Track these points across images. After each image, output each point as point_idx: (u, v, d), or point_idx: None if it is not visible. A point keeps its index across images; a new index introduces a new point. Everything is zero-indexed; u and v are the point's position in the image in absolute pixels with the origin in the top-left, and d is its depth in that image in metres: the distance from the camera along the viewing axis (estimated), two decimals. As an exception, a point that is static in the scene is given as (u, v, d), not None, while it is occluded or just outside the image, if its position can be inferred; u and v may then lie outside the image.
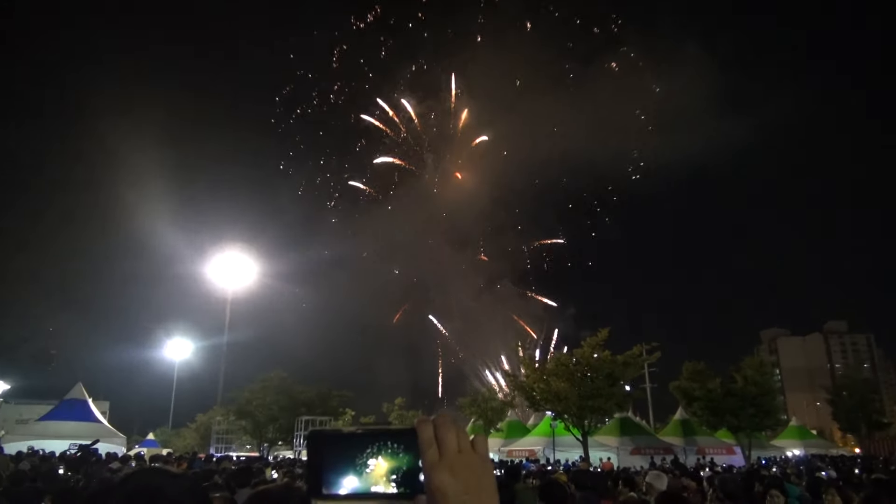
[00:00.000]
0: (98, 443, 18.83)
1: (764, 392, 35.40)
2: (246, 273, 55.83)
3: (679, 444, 36.76)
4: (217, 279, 54.64)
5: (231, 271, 54.11)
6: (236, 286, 54.57)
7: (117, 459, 18.83)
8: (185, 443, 58.69)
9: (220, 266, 54.38)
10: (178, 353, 61.54)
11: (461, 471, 0.85)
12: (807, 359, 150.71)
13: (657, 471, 11.00)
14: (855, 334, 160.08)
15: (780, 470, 21.22)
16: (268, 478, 11.70)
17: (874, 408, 48.52)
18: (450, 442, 0.86)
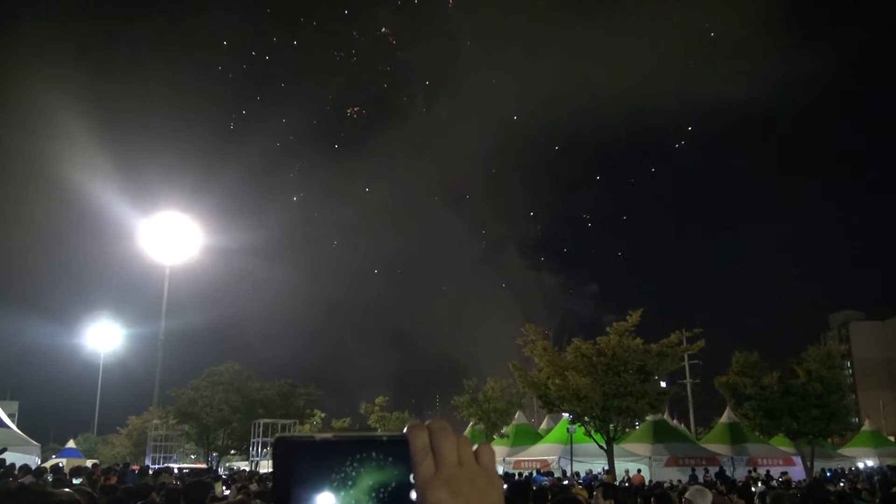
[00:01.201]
0: (5, 452, 18.94)
1: (831, 390, 35.77)
2: (187, 242, 55.56)
3: (726, 453, 37.30)
4: (152, 250, 54.43)
5: (169, 240, 53.81)
6: (175, 259, 54.40)
7: (30, 473, 18.96)
8: (115, 452, 59.17)
9: (156, 234, 54.05)
10: (105, 342, 61.73)
11: (462, 487, 0.84)
12: (886, 349, 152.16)
13: (698, 486, 11.20)
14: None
15: (849, 484, 21.59)
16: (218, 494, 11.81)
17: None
18: (448, 452, 0.86)
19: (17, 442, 30.26)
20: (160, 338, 51.92)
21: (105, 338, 61.80)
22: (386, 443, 0.91)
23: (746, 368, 36.88)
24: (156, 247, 53.89)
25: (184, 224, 54.88)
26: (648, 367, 31.04)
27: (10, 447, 24.40)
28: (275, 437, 0.94)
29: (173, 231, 53.88)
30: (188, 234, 55.17)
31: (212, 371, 41.36)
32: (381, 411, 53.16)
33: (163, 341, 51.89)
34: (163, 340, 51.93)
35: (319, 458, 0.89)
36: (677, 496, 11.44)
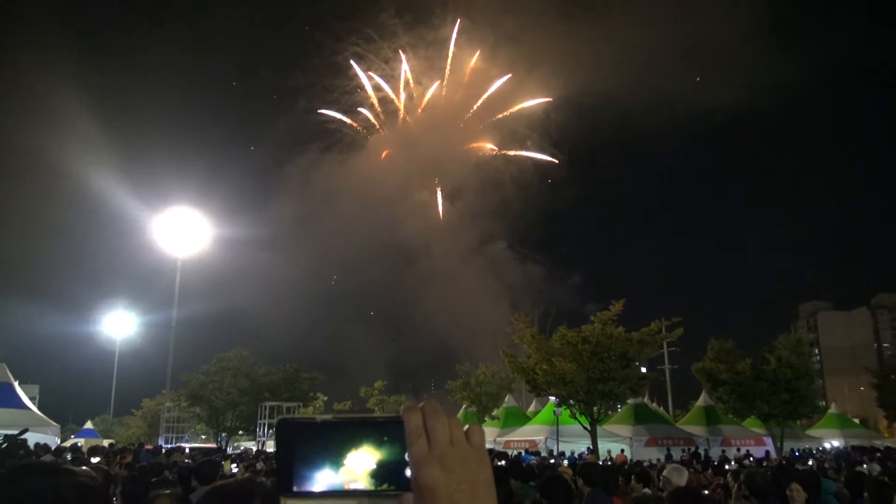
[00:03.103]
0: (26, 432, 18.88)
1: (800, 375, 35.92)
2: (198, 235, 55.59)
3: (701, 433, 37.45)
4: (164, 243, 54.43)
5: (181, 233, 53.83)
6: (186, 251, 54.40)
7: (50, 452, 18.94)
8: (130, 432, 59.17)
9: (168, 228, 54.08)
10: (120, 329, 61.64)
11: (453, 465, 0.85)
12: (851, 337, 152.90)
13: (676, 464, 11.25)
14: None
15: (817, 463, 21.71)
16: (226, 472, 11.83)
17: (926, 393, 49.48)
18: (441, 432, 0.86)
19: (37, 423, 30.20)
20: (172, 326, 51.94)
21: (120, 326, 61.73)
22: (382, 423, 0.91)
23: (721, 355, 37.00)
24: (168, 240, 53.96)
25: (194, 218, 55.08)
26: (630, 353, 31.10)
27: (31, 428, 24.27)
28: (278, 419, 0.94)
29: (184, 225, 53.99)
30: (198, 228, 55.30)
31: (221, 357, 41.34)
32: (380, 395, 53.14)
33: (175, 329, 51.90)
34: (175, 328, 51.95)
35: (320, 438, 0.90)
36: (656, 474, 11.49)
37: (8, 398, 31.73)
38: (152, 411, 56.97)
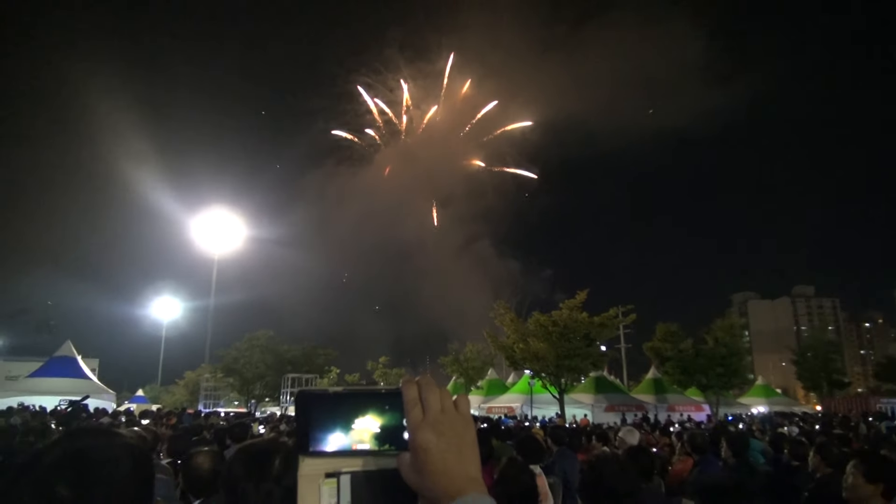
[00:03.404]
0: (88, 399, 18.80)
1: (733, 353, 36.06)
2: (233, 233, 55.66)
3: (651, 401, 37.55)
4: (204, 239, 54.38)
5: (218, 231, 53.86)
6: (223, 246, 54.39)
7: (107, 415, 18.87)
8: (175, 399, 58.85)
9: (208, 226, 54.10)
10: (167, 313, 61.44)
11: (444, 429, 0.86)
12: (775, 321, 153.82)
13: (629, 426, 11.27)
14: (821, 298, 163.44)
15: (746, 426, 21.80)
16: (255, 433, 11.80)
17: (835, 368, 49.70)
18: (433, 402, 0.88)
19: (97, 391, 30.12)
20: (210, 310, 51.89)
21: (167, 310, 61.55)
22: (385, 395, 0.92)
23: (667, 336, 37.12)
24: (207, 237, 53.96)
25: (230, 219, 55.31)
26: (592, 334, 31.13)
27: (91, 395, 24.23)
28: (297, 391, 0.95)
29: (221, 224, 54.15)
30: (233, 228, 55.47)
31: (251, 336, 41.25)
32: (384, 368, 53.10)
33: (212, 313, 51.84)
34: (212, 312, 51.88)
35: (333, 407, 0.91)
36: (613, 435, 11.51)
37: (73, 369, 31.64)
38: (193, 381, 56.73)
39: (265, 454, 2.01)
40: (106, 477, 1.36)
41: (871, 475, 3.68)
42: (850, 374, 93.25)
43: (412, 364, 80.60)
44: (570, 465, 7.52)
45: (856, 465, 3.78)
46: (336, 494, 0.88)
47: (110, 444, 1.42)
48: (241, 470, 1.98)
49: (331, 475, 0.89)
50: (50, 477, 1.30)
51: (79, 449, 1.37)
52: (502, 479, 3.56)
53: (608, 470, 3.08)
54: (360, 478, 0.89)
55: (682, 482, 6.81)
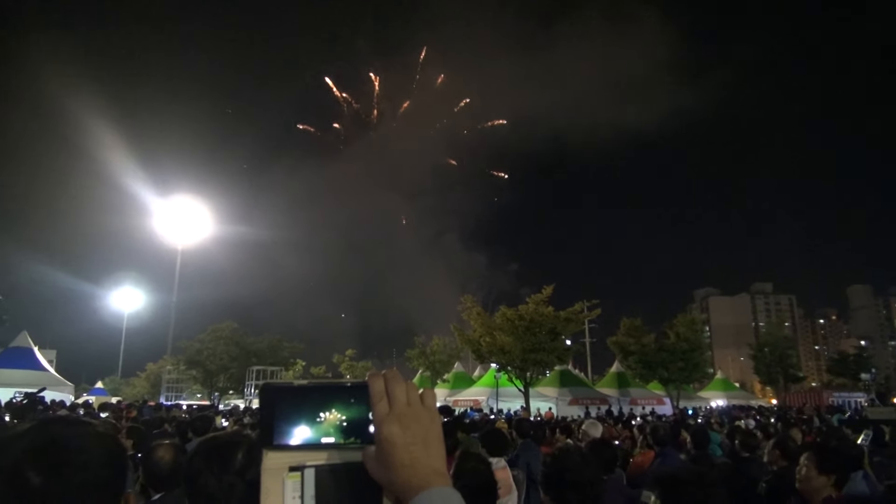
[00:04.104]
0: (44, 391, 18.32)
1: (693, 348, 36.81)
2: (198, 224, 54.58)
3: (614, 394, 38.14)
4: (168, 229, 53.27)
5: (183, 221, 52.79)
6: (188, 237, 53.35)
7: (65, 407, 18.42)
8: (136, 391, 57.74)
9: (172, 216, 52.97)
10: (128, 303, 60.11)
11: (410, 422, 0.86)
12: (734, 317, 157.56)
13: (592, 420, 11.44)
14: (779, 295, 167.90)
15: (705, 419, 22.28)
16: (218, 426, 11.64)
17: (791, 363, 51.19)
18: (399, 395, 0.88)
19: (54, 383, 29.39)
20: (173, 302, 50.88)
21: (128, 300, 60.14)
22: (351, 388, 0.92)
23: (631, 331, 37.71)
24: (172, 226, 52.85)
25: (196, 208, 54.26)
26: (557, 329, 31.43)
27: (48, 387, 23.64)
28: (261, 384, 0.94)
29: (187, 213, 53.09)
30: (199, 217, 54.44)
31: (215, 328, 40.72)
32: (350, 361, 52.91)
33: (175, 304, 50.85)
34: (175, 303, 50.87)
35: (297, 401, 0.90)
36: (577, 428, 11.67)
37: (29, 361, 30.79)
38: (155, 373, 55.79)
39: (228, 447, 1.98)
40: (79, 465, 1.33)
41: (823, 467, 3.80)
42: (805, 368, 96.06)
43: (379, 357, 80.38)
44: (533, 457, 7.59)
45: (809, 457, 3.90)
46: (300, 488, 0.87)
47: (83, 433, 1.39)
48: (203, 463, 1.95)
49: (295, 469, 0.88)
50: (21, 465, 1.27)
51: (51, 437, 1.34)
52: (458, 471, 3.57)
53: (570, 462, 3.12)
54: (324, 471, 0.88)
55: (642, 474, 6.94)
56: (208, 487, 1.90)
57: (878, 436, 10.11)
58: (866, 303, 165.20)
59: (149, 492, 3.45)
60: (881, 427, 11.03)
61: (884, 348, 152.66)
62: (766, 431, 11.27)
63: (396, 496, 0.85)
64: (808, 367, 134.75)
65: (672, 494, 2.35)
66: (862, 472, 5.44)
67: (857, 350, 62.36)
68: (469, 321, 33.85)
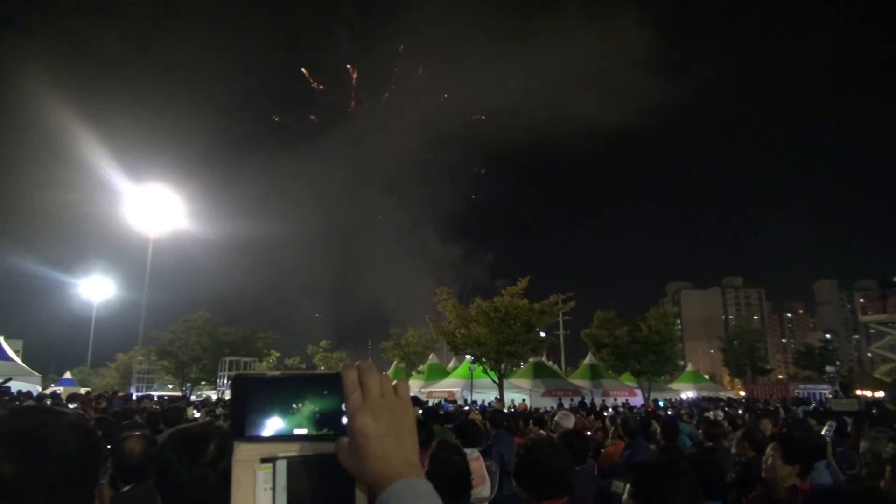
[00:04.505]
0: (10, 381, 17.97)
1: (665, 340, 37.32)
2: (171, 212, 53.82)
3: (587, 386, 38.56)
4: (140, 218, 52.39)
5: (155, 210, 51.99)
6: (160, 225, 52.55)
7: (31, 398, 18.06)
8: (105, 382, 56.78)
9: (145, 204, 52.13)
10: (98, 292, 59.00)
11: (383, 414, 0.86)
12: (705, 310, 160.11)
13: (565, 411, 11.54)
14: (748, 289, 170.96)
15: (675, 411, 22.65)
16: (189, 417, 11.52)
17: (759, 356, 52.24)
18: (373, 386, 0.88)
19: (21, 373, 28.81)
20: (145, 291, 50.14)
21: (98, 289, 59.01)
22: (324, 378, 0.91)
23: (605, 323, 38.08)
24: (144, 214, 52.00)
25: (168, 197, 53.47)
26: (532, 321, 31.62)
27: (14, 377, 23.19)
28: (233, 376, 0.92)
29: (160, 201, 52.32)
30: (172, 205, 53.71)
31: (188, 318, 40.21)
32: (324, 352, 52.69)
33: (147, 294, 50.14)
34: (147, 293, 50.17)
35: (269, 391, 0.89)
36: (549, 418, 11.77)
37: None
38: (125, 364, 54.92)
39: (199, 438, 1.96)
40: (52, 455, 1.31)
41: (788, 457, 3.90)
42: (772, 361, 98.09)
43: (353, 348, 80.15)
44: (507, 448, 7.65)
45: (775, 447, 4.00)
46: (271, 480, 0.86)
47: (57, 423, 1.37)
48: (174, 455, 1.92)
49: (266, 460, 0.87)
50: None
51: (23, 427, 1.31)
52: (433, 461, 3.59)
53: (543, 453, 3.15)
54: (296, 463, 0.87)
55: (613, 464, 7.04)
56: (179, 479, 1.88)
57: (841, 427, 10.38)
58: (832, 297, 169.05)
59: (118, 483, 3.41)
60: (844, 418, 11.32)
61: (848, 342, 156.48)
62: (734, 423, 11.51)
63: (369, 487, 0.85)
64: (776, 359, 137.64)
65: (644, 483, 2.39)
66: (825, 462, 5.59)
67: (822, 343, 63.86)
68: (444, 313, 33.92)
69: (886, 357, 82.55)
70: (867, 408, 18.99)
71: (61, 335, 71.26)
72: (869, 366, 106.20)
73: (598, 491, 5.00)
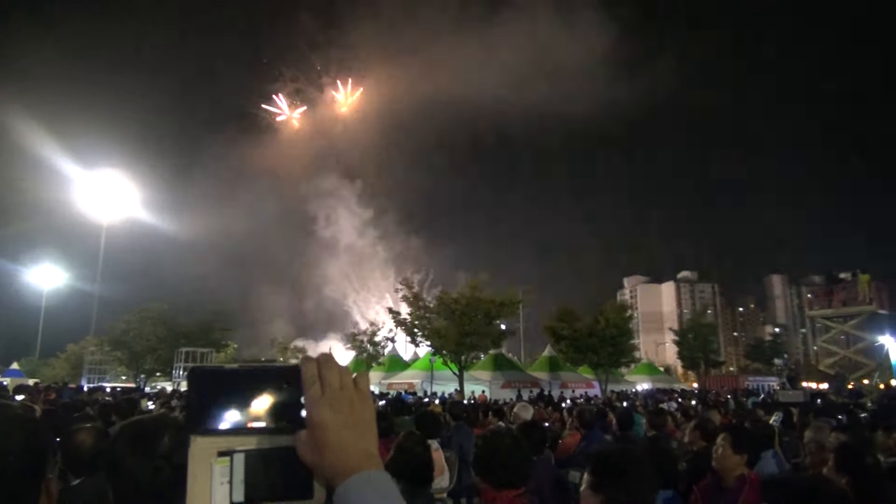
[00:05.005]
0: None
1: (622, 333, 37.99)
2: (125, 199, 52.37)
3: (546, 378, 38.99)
4: (93, 204, 50.83)
5: (109, 196, 50.49)
6: (114, 212, 51.09)
7: (-24, 390, 17.45)
8: (55, 373, 55.04)
9: (97, 190, 50.59)
10: (47, 280, 57.11)
11: (342, 406, 0.86)
12: (661, 304, 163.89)
13: (524, 402, 11.69)
14: (702, 283, 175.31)
15: (630, 402, 23.14)
16: (143, 409, 11.29)
17: (712, 349, 53.65)
18: (332, 379, 0.87)
19: (-36, 364, 27.77)
20: (97, 279, 48.77)
21: (47, 276, 57.09)
22: (283, 371, 0.90)
23: (563, 316, 38.53)
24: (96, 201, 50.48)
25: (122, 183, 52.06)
26: (492, 313, 31.88)
27: (-43, 368, 22.32)
28: (189, 368, 0.91)
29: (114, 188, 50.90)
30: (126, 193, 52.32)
31: (142, 309, 39.33)
32: (283, 344, 52.18)
33: (100, 282, 48.77)
34: (100, 281, 48.81)
35: (227, 384, 0.88)
36: (509, 410, 11.89)
37: (-66, 341, 28.95)
38: (76, 354, 53.34)
39: (153, 430, 1.91)
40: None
41: (737, 446, 4.03)
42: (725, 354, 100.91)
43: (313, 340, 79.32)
44: (466, 439, 7.72)
45: (725, 437, 4.14)
46: (228, 473, 0.85)
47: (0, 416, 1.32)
48: (126, 447, 1.88)
49: (224, 454, 0.85)
50: None
51: None
52: (398, 450, 3.62)
53: (501, 443, 3.19)
54: (254, 456, 0.86)
55: (570, 455, 7.17)
56: (131, 472, 1.84)
57: (788, 417, 10.77)
58: (781, 293, 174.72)
59: (67, 476, 3.32)
60: (790, 409, 11.75)
61: (796, 335, 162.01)
62: (686, 413, 11.81)
63: (328, 480, 0.84)
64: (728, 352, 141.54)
65: (601, 471, 2.44)
66: (772, 451, 5.79)
67: (771, 337, 66.03)
68: (405, 304, 33.93)
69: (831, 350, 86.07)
70: (812, 399, 19.78)
71: (8, 324, 68.58)
72: (815, 358, 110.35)
73: (555, 481, 5.09)
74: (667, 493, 3.84)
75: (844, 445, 3.99)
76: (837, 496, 2.26)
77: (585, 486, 2.45)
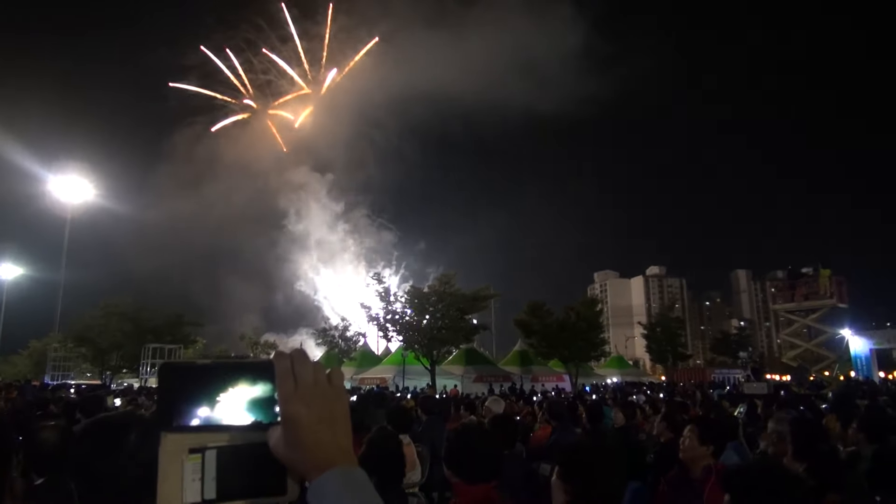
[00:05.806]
0: None
1: (592, 327, 38.43)
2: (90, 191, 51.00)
3: (517, 372, 39.25)
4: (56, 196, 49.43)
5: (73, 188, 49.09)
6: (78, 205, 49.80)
7: (-67, 387, 16.94)
8: (17, 370, 53.67)
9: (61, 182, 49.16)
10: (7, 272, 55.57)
11: (315, 402, 0.85)
12: (630, 298, 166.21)
13: (495, 396, 11.75)
14: (671, 278, 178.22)
15: (599, 395, 23.40)
16: (109, 406, 11.07)
17: (679, 342, 54.50)
18: (305, 374, 0.86)
19: (-80, 361, 26.92)
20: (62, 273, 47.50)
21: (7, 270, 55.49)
22: (256, 366, 0.89)
23: (535, 311, 38.82)
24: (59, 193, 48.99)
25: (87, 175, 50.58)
26: (464, 308, 31.97)
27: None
28: (160, 364, 0.89)
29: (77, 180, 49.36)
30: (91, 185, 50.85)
31: (108, 304, 38.50)
32: (254, 339, 51.67)
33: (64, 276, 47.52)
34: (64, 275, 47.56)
35: (198, 380, 0.86)
36: (480, 404, 11.94)
37: None
38: (39, 351, 52.04)
39: (119, 428, 1.88)
40: None
41: (704, 438, 4.12)
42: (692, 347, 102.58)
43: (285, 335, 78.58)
44: (438, 433, 7.73)
45: (691, 429, 4.22)
46: (200, 470, 0.84)
47: None
48: (91, 445, 1.84)
49: (195, 450, 0.84)
50: None
51: None
52: (370, 444, 3.63)
53: (473, 437, 3.20)
54: (226, 453, 0.85)
55: (540, 448, 7.23)
56: (97, 470, 1.81)
57: (752, 409, 11.03)
58: (746, 287, 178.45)
59: (31, 476, 3.25)
60: (755, 401, 12.03)
61: (760, 329, 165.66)
62: (654, 406, 12.00)
63: (301, 475, 0.84)
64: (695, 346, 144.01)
65: (571, 463, 2.47)
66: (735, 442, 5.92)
67: (737, 330, 67.40)
68: (377, 299, 33.85)
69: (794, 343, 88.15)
70: (776, 391, 20.27)
71: (-33, 320, 66.56)
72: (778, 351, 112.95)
73: (526, 474, 5.13)
74: (635, 484, 3.91)
75: (796, 421, 4.13)
76: (792, 481, 2.33)
77: (555, 478, 2.48)
